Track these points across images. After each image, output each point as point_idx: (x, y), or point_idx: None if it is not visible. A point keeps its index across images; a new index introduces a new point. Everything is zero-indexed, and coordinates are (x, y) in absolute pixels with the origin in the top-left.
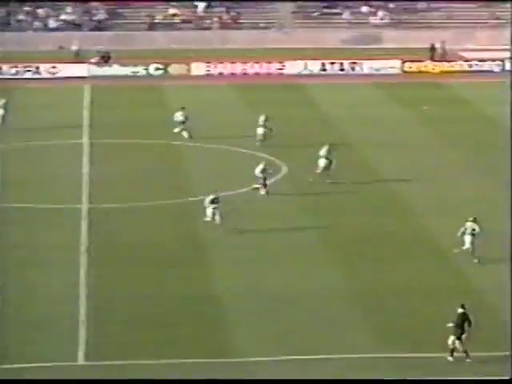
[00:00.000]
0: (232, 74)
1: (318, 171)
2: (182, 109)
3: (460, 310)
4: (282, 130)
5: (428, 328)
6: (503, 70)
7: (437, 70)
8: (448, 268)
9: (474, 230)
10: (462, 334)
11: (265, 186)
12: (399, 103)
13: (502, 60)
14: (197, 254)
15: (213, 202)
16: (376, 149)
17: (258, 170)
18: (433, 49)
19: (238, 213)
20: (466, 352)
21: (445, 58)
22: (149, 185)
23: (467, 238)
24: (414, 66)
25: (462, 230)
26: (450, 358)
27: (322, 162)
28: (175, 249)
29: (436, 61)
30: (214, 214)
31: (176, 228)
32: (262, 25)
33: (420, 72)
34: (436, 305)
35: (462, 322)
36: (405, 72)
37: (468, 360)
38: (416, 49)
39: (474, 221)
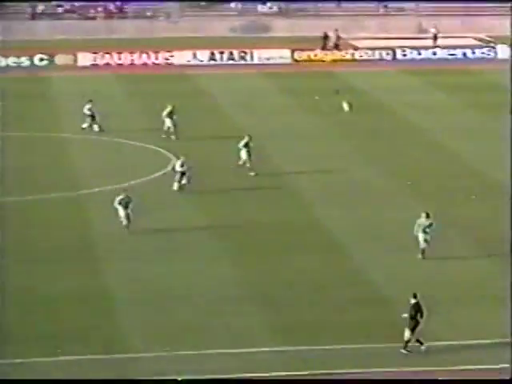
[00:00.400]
0: (119, 64)
1: (240, 163)
2: (90, 101)
3: (413, 301)
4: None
5: (323, 319)
6: (394, 58)
7: (327, 58)
8: (340, 259)
9: (426, 226)
10: (416, 324)
11: (180, 181)
12: (290, 93)
13: (393, 49)
14: (88, 248)
15: (122, 202)
16: (267, 139)
17: (178, 165)
18: (326, 37)
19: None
20: (418, 340)
21: (339, 46)
22: (37, 178)
23: (420, 237)
24: (305, 55)
25: (416, 227)
26: (403, 351)
27: (243, 154)
28: (66, 243)
29: (330, 50)
30: (127, 215)
31: (66, 221)
32: (148, 14)
33: (311, 61)
34: (330, 296)
35: (416, 312)
36: (295, 61)
37: (423, 347)
38: (308, 38)
39: (427, 216)
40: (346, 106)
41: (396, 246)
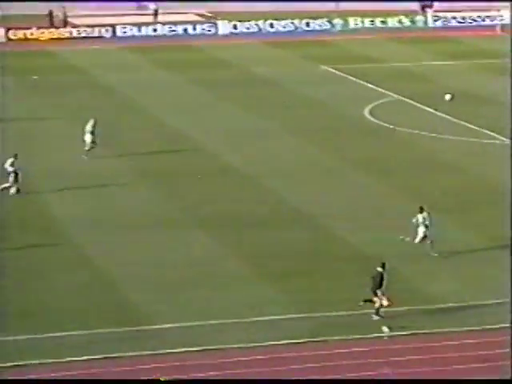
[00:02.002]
0: None
1: (87, 148)
2: None
3: (379, 269)
4: None
5: (47, 306)
6: (114, 35)
7: (45, 37)
8: (63, 244)
9: (425, 220)
10: (376, 291)
11: (16, 182)
12: (6, 72)
13: (113, 26)
14: None
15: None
16: None
17: (7, 164)
18: (51, 15)
19: None
20: (377, 308)
21: (66, 24)
22: None
23: (420, 231)
24: (20, 34)
25: (414, 220)
26: (376, 317)
27: (88, 138)
28: None
29: (58, 27)
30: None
31: None
32: None
33: (27, 40)
34: (54, 281)
35: (380, 280)
36: (10, 40)
37: (376, 317)
38: (26, 16)
39: (421, 210)
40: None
41: (122, 229)
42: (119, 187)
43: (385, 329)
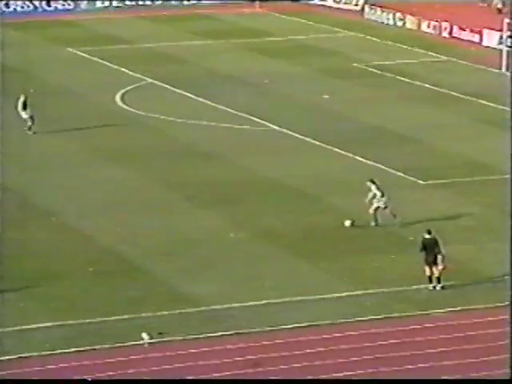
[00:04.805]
0: None
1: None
2: None
3: (426, 236)
4: None
5: None
6: None
7: None
8: None
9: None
10: (434, 260)
11: None
12: None
13: None
14: None
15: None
16: None
17: None
18: None
19: None
20: (439, 279)
21: None
22: None
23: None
24: None
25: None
26: (430, 286)
27: (24, 115)
28: None
29: None
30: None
31: None
32: None
33: None
34: None
35: (432, 247)
36: None
37: (439, 287)
38: None
39: (373, 182)
40: None
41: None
42: None
43: (145, 336)
